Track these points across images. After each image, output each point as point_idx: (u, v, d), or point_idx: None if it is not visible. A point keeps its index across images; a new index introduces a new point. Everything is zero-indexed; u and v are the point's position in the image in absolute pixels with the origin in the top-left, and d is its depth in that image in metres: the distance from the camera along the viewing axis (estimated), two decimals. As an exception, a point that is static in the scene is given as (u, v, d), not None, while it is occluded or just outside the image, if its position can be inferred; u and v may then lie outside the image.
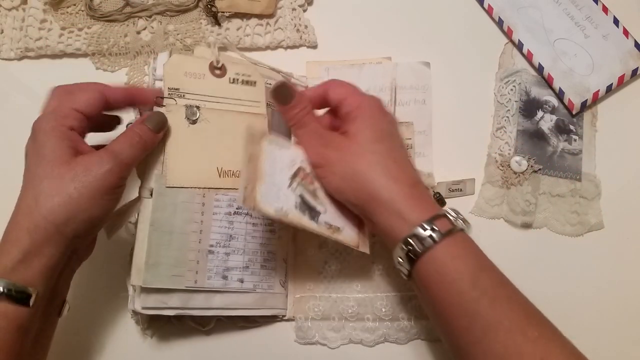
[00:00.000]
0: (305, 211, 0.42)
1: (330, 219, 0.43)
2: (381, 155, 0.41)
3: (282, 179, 0.42)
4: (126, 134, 0.42)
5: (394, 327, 0.50)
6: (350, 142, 0.42)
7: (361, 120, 0.42)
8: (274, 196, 0.41)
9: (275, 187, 0.42)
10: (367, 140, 0.42)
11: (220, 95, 0.48)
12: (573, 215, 0.54)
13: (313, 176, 0.44)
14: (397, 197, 0.40)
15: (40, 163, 0.39)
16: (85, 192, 0.38)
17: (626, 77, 0.57)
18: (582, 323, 0.52)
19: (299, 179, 0.43)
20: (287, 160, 0.43)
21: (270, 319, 0.51)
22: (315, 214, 0.43)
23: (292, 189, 0.42)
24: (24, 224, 0.38)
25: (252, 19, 0.57)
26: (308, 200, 0.43)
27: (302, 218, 0.42)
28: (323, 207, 0.43)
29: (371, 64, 0.57)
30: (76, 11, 0.57)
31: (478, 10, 0.60)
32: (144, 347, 0.50)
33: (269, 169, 0.42)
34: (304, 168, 0.44)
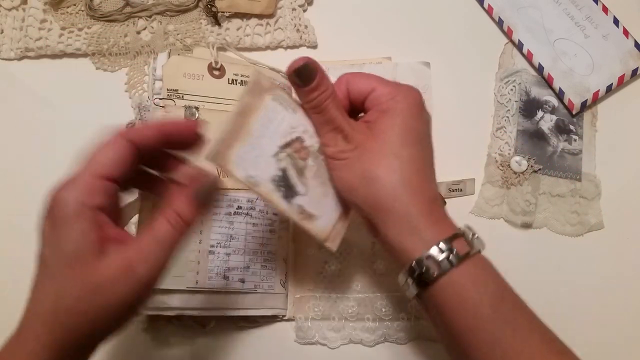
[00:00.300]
0: (282, 188, 0.38)
1: (307, 204, 0.38)
2: (405, 163, 0.37)
3: (269, 144, 0.38)
4: (162, 216, 0.33)
5: (394, 327, 0.50)
6: (375, 139, 0.37)
7: (392, 116, 0.37)
8: (251, 161, 0.37)
9: (258, 151, 0.37)
10: (394, 141, 0.37)
11: (219, 96, 0.49)
12: (573, 215, 0.54)
13: (310, 152, 0.39)
14: (414, 212, 0.36)
15: (60, 259, 0.31)
16: (112, 312, 0.31)
17: (626, 77, 0.57)
18: (582, 323, 0.52)
19: (291, 150, 0.38)
20: (287, 125, 0.38)
21: (270, 319, 0.51)
22: (292, 194, 0.38)
23: (277, 159, 0.38)
24: (40, 330, 0.31)
25: (252, 19, 0.57)
26: (290, 176, 0.38)
27: (273, 194, 0.37)
28: (305, 188, 0.38)
29: (371, 64, 0.57)
30: (76, 11, 0.57)
31: (478, 10, 0.60)
32: (144, 347, 0.50)
33: (259, 128, 0.37)
34: (302, 139, 0.38)
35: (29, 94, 0.56)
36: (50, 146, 0.54)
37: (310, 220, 0.39)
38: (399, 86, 0.39)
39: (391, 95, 0.38)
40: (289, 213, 0.38)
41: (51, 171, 0.54)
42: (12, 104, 0.56)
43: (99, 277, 0.30)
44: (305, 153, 0.39)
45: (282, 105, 0.38)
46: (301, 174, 0.38)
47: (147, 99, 0.53)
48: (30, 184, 0.53)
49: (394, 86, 0.38)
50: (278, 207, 0.38)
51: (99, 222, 0.32)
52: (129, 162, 0.33)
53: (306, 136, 0.39)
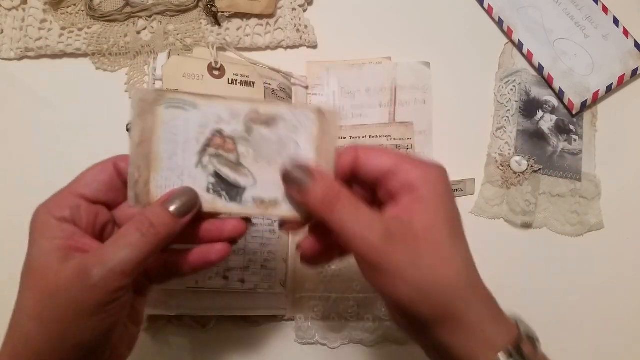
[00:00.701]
0: (222, 192, 0.34)
1: (261, 192, 0.34)
2: (462, 260, 0.32)
3: (186, 157, 0.33)
4: (133, 222, 0.31)
5: (393, 327, 0.50)
6: (425, 236, 0.31)
7: (434, 206, 0.32)
8: (175, 184, 0.33)
9: (177, 171, 0.33)
10: (444, 238, 0.31)
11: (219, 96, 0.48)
12: (573, 215, 0.54)
13: (236, 139, 0.34)
14: (485, 317, 0.32)
15: (26, 270, 0.31)
16: (65, 317, 0.30)
17: (626, 77, 0.57)
18: (583, 323, 0.52)
19: (213, 149, 0.33)
20: (194, 126, 0.33)
21: (270, 319, 0.51)
22: (238, 192, 0.34)
23: (202, 167, 0.33)
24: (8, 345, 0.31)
25: (252, 19, 0.57)
26: (226, 175, 0.34)
27: (216, 202, 0.33)
28: (250, 177, 0.34)
29: (371, 64, 0.57)
30: (76, 11, 0.57)
31: (478, 10, 0.60)
32: (144, 347, 0.50)
33: (166, 148, 0.33)
34: (220, 130, 0.33)
35: (29, 94, 0.56)
36: (50, 146, 0.54)
37: (274, 207, 0.34)
38: (426, 166, 0.33)
39: (423, 178, 0.32)
40: (247, 212, 0.34)
41: (51, 171, 0.54)
42: (12, 104, 0.56)
43: (56, 281, 0.30)
44: (231, 143, 0.34)
45: (180, 108, 0.33)
46: (238, 166, 0.34)
47: (147, 99, 0.53)
48: (30, 184, 0.53)
49: (420, 166, 0.33)
50: (232, 213, 0.34)
51: (67, 231, 0.32)
52: (107, 185, 0.33)
53: (223, 124, 0.33)
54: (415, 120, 0.55)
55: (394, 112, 0.56)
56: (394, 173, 0.32)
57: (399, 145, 0.55)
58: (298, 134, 0.34)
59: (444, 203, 0.32)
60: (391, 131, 0.55)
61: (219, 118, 0.33)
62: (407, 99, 0.56)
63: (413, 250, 0.31)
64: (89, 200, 0.33)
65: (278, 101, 0.33)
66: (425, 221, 0.31)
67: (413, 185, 0.32)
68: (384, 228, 0.31)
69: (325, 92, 0.56)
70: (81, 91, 0.56)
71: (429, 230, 0.31)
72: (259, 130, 0.34)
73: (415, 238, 0.31)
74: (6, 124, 0.55)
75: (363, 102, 0.56)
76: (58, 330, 0.30)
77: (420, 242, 0.31)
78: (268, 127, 0.34)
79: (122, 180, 0.33)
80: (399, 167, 0.32)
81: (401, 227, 0.31)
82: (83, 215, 0.32)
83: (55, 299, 0.30)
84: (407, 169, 0.32)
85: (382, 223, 0.31)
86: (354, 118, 0.56)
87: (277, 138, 0.34)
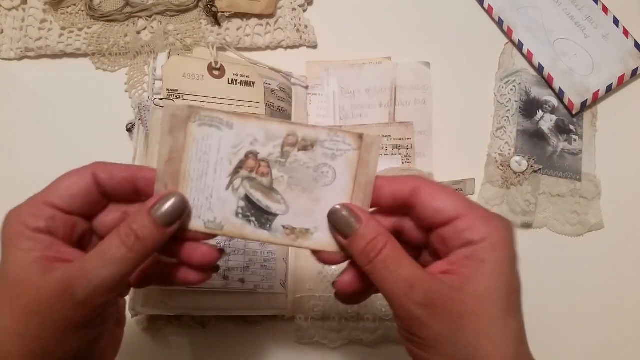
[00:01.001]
0: (252, 217, 0.32)
1: (293, 220, 0.32)
2: (514, 340, 0.28)
3: (217, 178, 0.32)
4: (118, 234, 0.29)
5: (393, 327, 0.50)
6: (475, 309, 0.27)
7: (490, 272, 0.28)
8: (203, 206, 0.32)
9: (206, 191, 0.32)
10: (499, 310, 0.27)
11: (219, 96, 0.49)
12: (573, 215, 0.54)
13: (271, 162, 0.31)
14: None
15: (2, 284, 0.29)
16: (49, 334, 0.28)
17: (626, 77, 0.57)
18: (582, 323, 0.52)
19: (246, 171, 0.31)
20: (227, 146, 0.31)
21: (270, 319, 0.51)
22: (268, 219, 0.32)
23: (233, 189, 0.32)
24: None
25: (252, 19, 0.57)
26: (258, 200, 0.32)
27: (244, 228, 0.32)
28: (283, 205, 0.32)
29: (371, 64, 0.57)
30: (76, 11, 0.57)
31: (478, 10, 0.60)
32: (144, 347, 0.50)
33: (197, 168, 0.31)
34: (254, 152, 0.31)
35: (29, 94, 0.56)
36: (50, 146, 0.54)
37: (306, 237, 0.32)
38: (493, 222, 0.29)
39: (488, 237, 0.28)
40: (275, 241, 0.32)
41: (51, 171, 0.54)
42: (12, 104, 0.56)
43: (38, 297, 0.28)
44: (265, 167, 0.32)
45: (214, 126, 0.31)
46: (269, 192, 0.32)
47: (147, 99, 0.53)
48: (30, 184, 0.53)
49: (487, 221, 0.29)
50: (260, 240, 0.32)
51: (45, 242, 0.29)
52: (89, 198, 0.31)
53: (258, 146, 0.31)
54: (415, 120, 0.55)
55: (394, 112, 0.56)
56: (456, 222, 0.29)
57: (399, 145, 0.55)
58: (336, 161, 0.31)
59: (505, 271, 0.28)
60: (391, 131, 0.55)
61: (254, 139, 0.31)
62: (407, 99, 0.56)
63: (456, 323, 0.27)
64: (64, 211, 0.30)
65: (317, 125, 0.31)
66: (478, 290, 0.27)
67: (474, 244, 0.28)
68: (425, 291, 0.27)
69: (325, 92, 0.56)
70: (81, 91, 0.56)
71: (481, 301, 0.27)
72: (295, 155, 0.31)
73: (462, 310, 0.27)
74: (6, 124, 0.55)
75: (363, 102, 0.56)
76: (41, 346, 0.28)
77: (467, 316, 0.27)
78: (305, 152, 0.31)
79: (100, 191, 0.31)
80: (463, 217, 0.29)
81: (448, 292, 0.28)
82: (59, 226, 0.30)
83: (38, 316, 0.28)
84: (471, 222, 0.29)
85: (424, 284, 0.28)
86: (354, 118, 0.56)
87: (313, 164, 0.31)
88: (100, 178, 0.31)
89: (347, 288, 0.31)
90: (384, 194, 0.31)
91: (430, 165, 0.55)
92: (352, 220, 0.30)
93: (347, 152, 0.31)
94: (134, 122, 0.52)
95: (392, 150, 0.55)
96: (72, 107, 0.55)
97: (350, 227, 0.30)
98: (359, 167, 0.31)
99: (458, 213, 0.29)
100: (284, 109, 0.54)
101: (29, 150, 0.54)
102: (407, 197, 0.30)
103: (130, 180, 0.31)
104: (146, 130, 0.50)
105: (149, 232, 0.29)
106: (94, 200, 0.31)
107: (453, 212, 0.29)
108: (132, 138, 0.52)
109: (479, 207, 0.29)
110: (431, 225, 0.30)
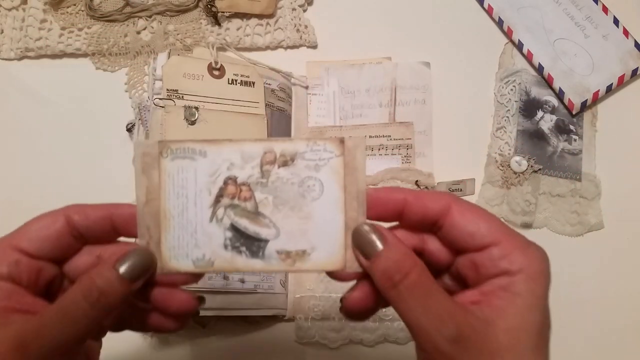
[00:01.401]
0: (242, 247, 0.29)
1: (286, 243, 0.30)
2: None
3: (198, 212, 0.30)
4: (80, 288, 0.27)
5: (393, 327, 0.50)
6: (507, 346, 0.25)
7: (526, 307, 0.26)
8: (189, 243, 0.30)
9: (190, 227, 0.30)
10: (530, 347, 0.26)
11: (219, 96, 0.49)
12: (573, 215, 0.54)
13: (252, 184, 0.29)
14: None
15: None
16: None
17: (626, 77, 0.57)
18: (582, 323, 0.52)
19: (227, 199, 0.29)
20: (205, 173, 0.30)
21: (270, 319, 0.51)
22: (259, 245, 0.30)
23: (216, 220, 0.29)
24: None
25: (252, 19, 0.57)
26: (245, 228, 0.30)
27: (236, 260, 0.30)
28: (273, 228, 0.30)
29: (371, 64, 0.57)
30: (76, 11, 0.57)
31: (478, 10, 0.60)
32: (144, 347, 0.50)
33: (176, 204, 0.29)
34: (233, 177, 0.30)
35: (29, 94, 0.56)
36: (50, 146, 0.54)
37: (303, 260, 0.30)
38: (530, 251, 0.27)
39: (525, 268, 0.26)
40: (271, 269, 0.30)
41: (51, 171, 0.54)
42: (12, 104, 0.56)
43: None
44: (247, 190, 0.30)
45: (187, 158, 0.29)
46: (257, 216, 0.30)
47: (147, 99, 0.53)
48: (30, 184, 0.53)
49: (524, 250, 0.27)
50: (254, 271, 0.31)
51: (4, 291, 0.27)
52: (61, 242, 0.29)
53: (235, 170, 0.29)
54: (415, 120, 0.55)
55: (394, 112, 0.56)
56: (491, 249, 0.27)
57: (399, 145, 0.55)
58: (320, 171, 0.29)
59: (540, 306, 0.26)
60: (391, 131, 0.55)
61: (230, 164, 0.29)
62: (407, 99, 0.56)
63: (483, 354, 0.26)
64: (31, 256, 0.28)
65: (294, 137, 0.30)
66: (513, 325, 0.26)
67: (510, 274, 0.26)
68: (458, 326, 0.25)
69: (325, 92, 0.56)
70: (81, 91, 0.56)
71: (514, 338, 0.26)
72: (277, 173, 0.29)
73: (495, 347, 0.25)
74: (6, 124, 0.55)
75: (363, 102, 0.56)
76: None
77: (499, 352, 0.25)
78: (286, 168, 0.29)
79: (73, 235, 0.29)
80: (499, 243, 0.27)
81: (481, 328, 0.26)
82: (23, 272, 0.28)
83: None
84: (508, 250, 0.26)
85: (457, 318, 0.26)
86: (354, 118, 0.56)
87: (297, 179, 0.29)
88: (74, 220, 0.28)
89: (357, 306, 0.29)
90: (413, 209, 0.28)
91: (430, 165, 0.55)
92: (375, 239, 0.27)
93: (330, 159, 0.29)
94: (134, 122, 0.52)
95: (392, 150, 0.55)
96: (72, 107, 0.55)
97: (373, 247, 0.27)
98: (347, 174, 0.29)
99: (494, 239, 0.27)
100: (284, 109, 0.54)
101: (29, 150, 0.54)
102: (438, 216, 0.28)
103: (106, 219, 0.29)
104: (146, 130, 0.50)
105: (113, 288, 0.27)
106: (66, 245, 0.29)
107: (488, 237, 0.27)
108: (132, 138, 0.52)
109: (515, 234, 0.27)
110: (462, 249, 0.28)
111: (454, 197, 0.28)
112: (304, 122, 0.55)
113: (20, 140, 0.55)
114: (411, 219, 0.28)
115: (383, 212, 0.29)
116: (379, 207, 0.29)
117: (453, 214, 0.27)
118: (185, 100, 0.47)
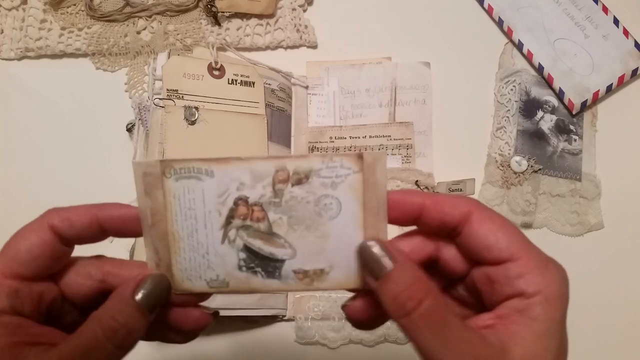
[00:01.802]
0: (257, 268, 0.29)
1: (303, 263, 0.29)
2: None
3: (209, 233, 0.28)
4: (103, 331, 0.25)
5: (394, 327, 0.50)
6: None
7: (543, 333, 0.25)
8: (201, 265, 0.29)
9: (201, 250, 0.29)
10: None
11: (219, 96, 0.49)
12: (573, 215, 0.54)
13: (264, 204, 0.28)
14: None
15: None
16: None
17: (626, 77, 0.57)
18: (582, 323, 0.52)
19: (239, 220, 0.28)
20: (214, 194, 0.28)
21: (270, 319, 0.51)
22: (276, 266, 0.29)
23: (228, 242, 0.28)
24: None
25: (252, 19, 0.57)
26: (259, 249, 0.29)
27: (252, 281, 0.29)
28: (289, 248, 0.29)
29: (371, 64, 0.57)
30: (76, 11, 0.57)
31: (478, 10, 0.60)
32: (144, 347, 0.50)
33: (185, 226, 0.28)
34: (243, 198, 0.28)
35: (29, 94, 0.56)
36: (50, 146, 0.54)
37: (321, 279, 0.29)
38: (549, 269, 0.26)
39: (543, 288, 0.25)
40: (288, 288, 0.29)
41: (51, 171, 0.54)
42: (12, 104, 0.56)
43: None
44: (259, 211, 0.28)
45: (192, 178, 0.28)
46: (271, 237, 0.29)
47: (147, 99, 0.53)
48: (30, 184, 0.53)
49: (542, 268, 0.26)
50: (271, 291, 0.29)
51: (10, 326, 0.25)
52: (54, 253, 0.27)
53: (246, 190, 0.28)
54: (415, 120, 0.55)
55: (394, 112, 0.56)
56: (508, 265, 0.25)
57: (399, 145, 0.55)
58: (338, 189, 0.28)
59: (558, 332, 0.25)
60: (391, 131, 0.55)
61: (239, 183, 0.28)
62: (407, 99, 0.56)
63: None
64: (29, 279, 0.26)
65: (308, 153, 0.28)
66: (528, 352, 0.24)
67: (527, 296, 0.25)
68: (474, 358, 0.24)
69: (325, 92, 0.56)
70: (81, 91, 0.56)
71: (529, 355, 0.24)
72: (290, 192, 0.28)
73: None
74: (6, 124, 0.55)
75: (363, 102, 0.56)
76: None
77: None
78: (300, 186, 0.28)
79: (63, 242, 0.27)
80: (517, 260, 0.25)
81: (496, 356, 0.24)
82: (25, 301, 0.26)
83: None
84: (525, 269, 0.25)
85: (475, 351, 0.24)
86: (354, 118, 0.56)
87: (313, 198, 0.28)
88: (60, 230, 0.26)
89: (357, 316, 0.28)
90: (431, 215, 0.27)
91: (430, 165, 0.55)
92: (384, 259, 0.25)
93: (348, 176, 0.28)
94: (134, 122, 0.52)
95: (392, 151, 0.55)
96: (72, 107, 0.55)
97: (381, 268, 0.25)
98: (366, 190, 0.27)
99: (512, 254, 0.25)
100: (284, 109, 0.54)
101: (29, 150, 0.54)
102: (457, 224, 0.26)
103: (93, 225, 0.27)
104: (146, 130, 0.50)
105: (136, 323, 0.26)
106: (59, 255, 0.27)
107: (506, 252, 0.25)
108: (132, 138, 0.52)
109: (535, 250, 0.26)
110: (479, 260, 0.26)
111: (476, 204, 0.26)
112: (304, 122, 0.55)
113: (20, 140, 0.55)
114: (428, 224, 0.27)
115: (399, 215, 0.27)
116: (394, 210, 0.27)
117: (472, 222, 0.26)
118: (185, 100, 0.47)
